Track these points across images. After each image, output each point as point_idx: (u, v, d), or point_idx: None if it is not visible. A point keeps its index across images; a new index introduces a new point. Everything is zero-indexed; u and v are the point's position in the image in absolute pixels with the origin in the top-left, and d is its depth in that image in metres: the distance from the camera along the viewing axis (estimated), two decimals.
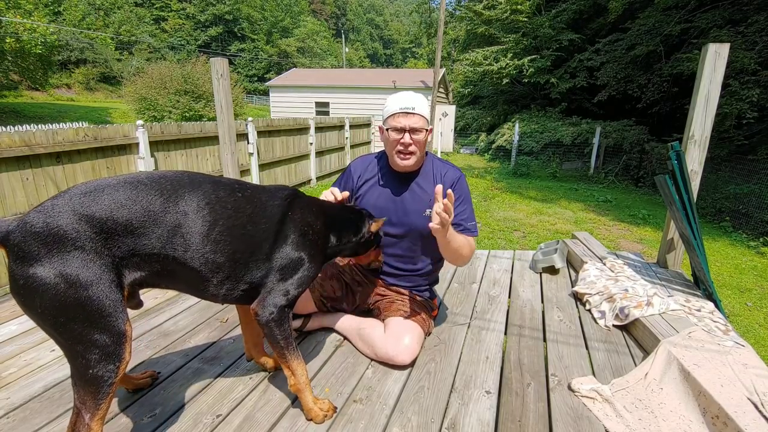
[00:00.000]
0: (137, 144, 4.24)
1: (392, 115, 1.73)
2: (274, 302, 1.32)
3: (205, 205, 1.19)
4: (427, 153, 1.89)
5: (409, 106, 1.70)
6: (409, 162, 1.76)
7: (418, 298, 1.92)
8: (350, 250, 1.68)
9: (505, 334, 2.02)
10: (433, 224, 1.47)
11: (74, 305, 1.00)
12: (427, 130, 1.75)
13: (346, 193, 1.77)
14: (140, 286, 1.19)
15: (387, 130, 1.75)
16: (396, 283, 1.95)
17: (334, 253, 1.62)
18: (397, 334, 1.72)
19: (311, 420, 1.40)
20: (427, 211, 1.79)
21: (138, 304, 1.25)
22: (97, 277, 1.03)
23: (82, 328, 1.02)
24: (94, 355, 1.03)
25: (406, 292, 1.93)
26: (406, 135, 1.71)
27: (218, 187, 1.25)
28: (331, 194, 1.75)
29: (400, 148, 1.74)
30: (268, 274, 1.33)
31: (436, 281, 2.08)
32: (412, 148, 1.73)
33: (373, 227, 1.66)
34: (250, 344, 1.67)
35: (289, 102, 17.83)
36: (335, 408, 1.46)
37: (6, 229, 0.99)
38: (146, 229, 1.10)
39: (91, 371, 1.04)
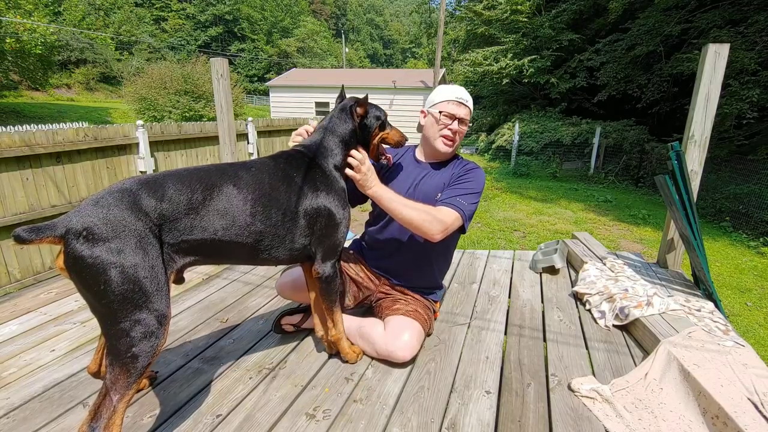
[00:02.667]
0: (137, 144, 4.24)
1: (447, 101, 1.80)
2: (327, 260, 1.53)
3: (234, 188, 1.32)
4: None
5: (464, 98, 1.81)
6: (449, 149, 1.85)
7: (421, 299, 1.92)
8: (361, 146, 1.66)
9: (505, 334, 2.02)
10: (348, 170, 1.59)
11: (133, 285, 1.08)
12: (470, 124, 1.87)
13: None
14: (190, 265, 1.30)
15: (440, 113, 1.81)
16: (401, 284, 1.95)
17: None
18: (396, 331, 1.72)
19: (347, 362, 1.73)
20: (439, 194, 1.80)
21: (180, 279, 1.37)
22: (155, 261, 1.14)
23: (134, 307, 1.10)
24: (138, 333, 1.10)
25: (410, 292, 1.93)
26: (455, 123, 1.80)
27: (236, 169, 1.38)
28: (303, 131, 1.70)
29: (448, 133, 1.81)
30: (312, 232, 1.47)
31: (441, 286, 2.08)
32: (456, 137, 1.83)
33: (359, 110, 1.60)
34: (321, 322, 1.75)
35: (289, 102, 17.85)
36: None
37: (68, 220, 1.06)
38: (191, 218, 1.23)
39: (133, 349, 1.10)
